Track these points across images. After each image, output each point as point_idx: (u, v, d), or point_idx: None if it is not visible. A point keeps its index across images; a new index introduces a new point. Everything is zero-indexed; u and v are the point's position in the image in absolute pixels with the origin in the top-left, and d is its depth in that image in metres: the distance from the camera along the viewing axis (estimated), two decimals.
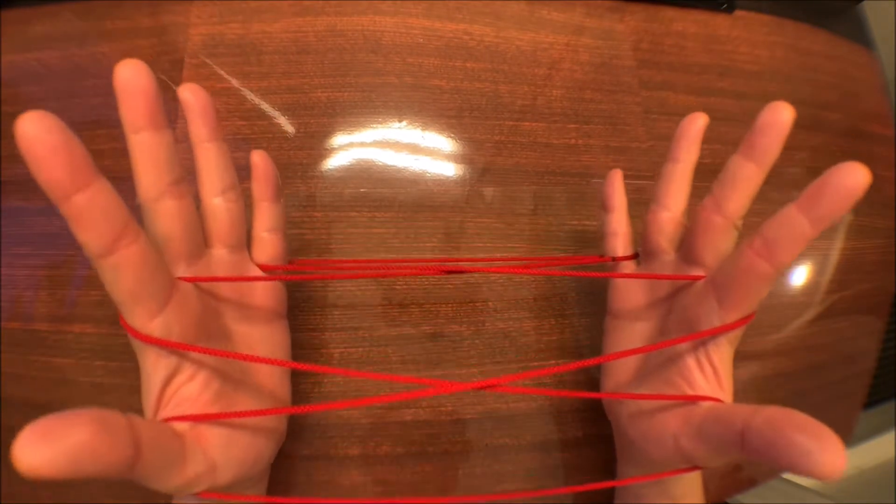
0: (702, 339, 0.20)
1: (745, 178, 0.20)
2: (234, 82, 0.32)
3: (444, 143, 0.33)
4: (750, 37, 0.40)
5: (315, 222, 0.31)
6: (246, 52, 0.33)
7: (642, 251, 0.25)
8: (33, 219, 0.31)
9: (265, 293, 0.23)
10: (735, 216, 0.20)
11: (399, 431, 0.30)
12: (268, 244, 0.23)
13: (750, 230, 0.19)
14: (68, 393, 0.29)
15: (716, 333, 0.19)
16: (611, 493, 0.29)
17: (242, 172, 0.22)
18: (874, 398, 0.44)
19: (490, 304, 0.32)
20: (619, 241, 0.26)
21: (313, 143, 0.32)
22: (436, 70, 0.34)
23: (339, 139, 0.32)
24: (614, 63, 0.37)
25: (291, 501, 0.27)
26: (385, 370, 0.30)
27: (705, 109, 0.37)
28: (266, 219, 0.23)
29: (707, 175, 0.23)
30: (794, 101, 0.18)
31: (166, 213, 0.17)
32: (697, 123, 0.22)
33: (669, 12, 0.39)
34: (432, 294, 0.31)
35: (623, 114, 0.36)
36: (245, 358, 0.19)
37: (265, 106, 0.32)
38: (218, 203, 0.20)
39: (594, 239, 0.34)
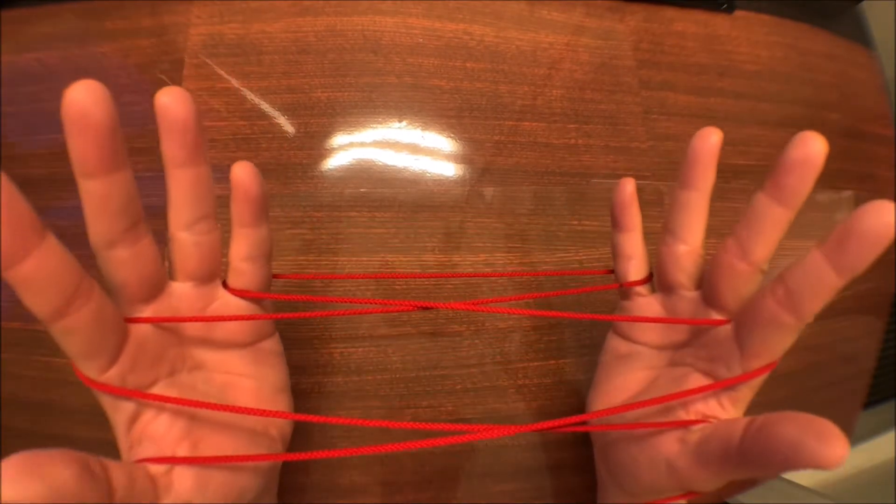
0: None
1: (773, 223, 0.17)
2: (234, 82, 0.32)
3: (444, 143, 0.33)
4: (750, 37, 0.40)
5: (315, 222, 0.31)
6: (246, 52, 0.33)
7: (658, 283, 0.23)
8: None
9: (238, 322, 0.20)
10: (761, 262, 0.18)
11: (399, 431, 0.30)
12: (244, 275, 0.20)
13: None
14: (68, 393, 0.29)
15: (735, 383, 0.18)
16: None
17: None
18: (874, 398, 0.44)
19: (490, 303, 0.32)
20: (633, 265, 0.23)
21: (313, 143, 0.32)
22: (436, 70, 0.34)
23: (339, 139, 0.32)
24: (614, 63, 0.37)
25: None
26: (385, 369, 0.30)
27: (705, 109, 0.37)
28: (244, 246, 0.19)
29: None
30: (794, 101, 0.18)
31: (118, 261, 0.16)
32: (711, 140, 0.19)
33: (669, 12, 0.39)
34: (432, 294, 0.31)
35: (623, 114, 0.36)
36: (194, 405, 0.17)
37: (265, 106, 0.32)
38: (184, 237, 0.18)
39: (594, 239, 0.34)
